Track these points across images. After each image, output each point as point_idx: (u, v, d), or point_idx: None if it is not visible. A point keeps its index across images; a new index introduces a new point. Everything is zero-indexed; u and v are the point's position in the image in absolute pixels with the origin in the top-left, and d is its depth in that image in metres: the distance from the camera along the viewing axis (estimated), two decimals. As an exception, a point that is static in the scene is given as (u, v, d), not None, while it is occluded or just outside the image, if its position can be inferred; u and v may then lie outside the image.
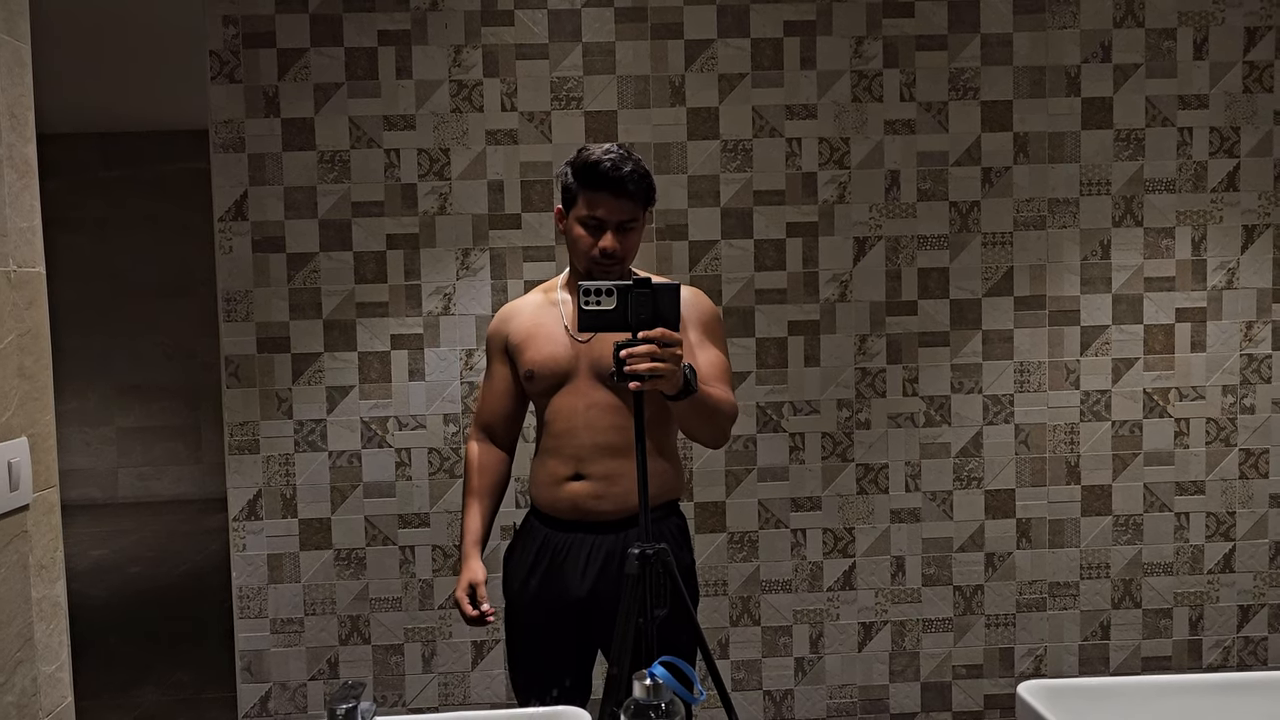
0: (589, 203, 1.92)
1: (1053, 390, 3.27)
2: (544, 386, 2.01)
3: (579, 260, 1.97)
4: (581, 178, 1.92)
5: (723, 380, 1.98)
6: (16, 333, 1.45)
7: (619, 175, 1.89)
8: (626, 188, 1.89)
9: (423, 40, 3.11)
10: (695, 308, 2.02)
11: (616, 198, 1.90)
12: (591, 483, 1.98)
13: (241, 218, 3.10)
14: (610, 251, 1.92)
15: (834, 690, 3.28)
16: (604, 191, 1.90)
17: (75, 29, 4.77)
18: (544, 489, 2.04)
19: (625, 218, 1.92)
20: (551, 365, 1.99)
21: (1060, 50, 3.20)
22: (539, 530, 2.05)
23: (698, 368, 1.94)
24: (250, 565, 3.16)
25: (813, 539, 3.25)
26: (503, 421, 2.16)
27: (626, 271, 1.99)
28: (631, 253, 1.97)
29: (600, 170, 1.89)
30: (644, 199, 1.94)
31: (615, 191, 1.90)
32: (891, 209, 3.21)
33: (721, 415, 1.90)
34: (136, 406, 7.51)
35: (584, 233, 1.94)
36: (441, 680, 3.21)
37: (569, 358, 1.99)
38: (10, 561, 1.42)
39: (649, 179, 1.94)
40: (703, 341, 2.00)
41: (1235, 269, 3.28)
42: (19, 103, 1.49)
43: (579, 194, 1.93)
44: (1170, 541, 3.32)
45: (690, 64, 3.15)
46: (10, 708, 1.40)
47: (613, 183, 1.89)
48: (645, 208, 1.96)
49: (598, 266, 1.94)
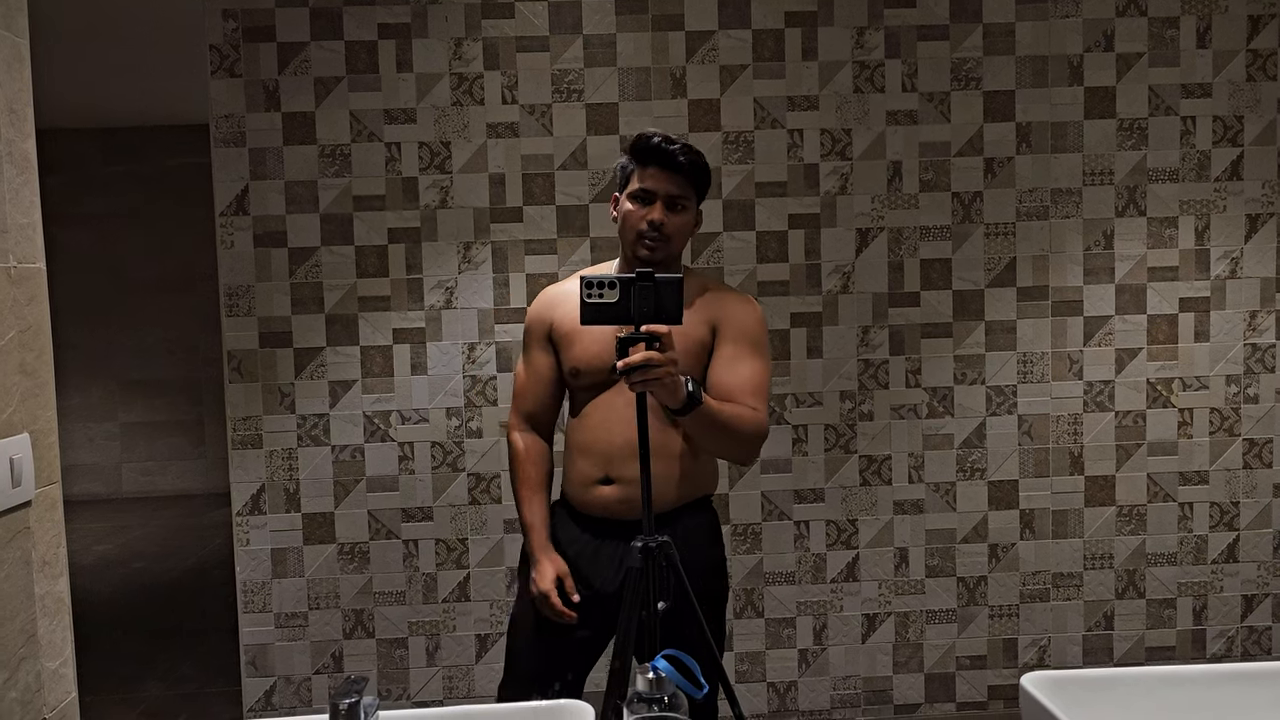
0: (640, 176, 1.95)
1: (1056, 381, 3.26)
2: (588, 383, 2.01)
3: (627, 237, 1.97)
4: (636, 154, 1.96)
5: (755, 396, 1.94)
6: (17, 329, 1.45)
7: (671, 149, 1.92)
8: (678, 160, 1.92)
9: (423, 33, 3.10)
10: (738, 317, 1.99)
11: (667, 171, 1.92)
12: (621, 487, 1.97)
13: (243, 212, 3.10)
14: (657, 223, 1.92)
15: (838, 681, 3.28)
16: (655, 165, 1.93)
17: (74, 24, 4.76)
18: (575, 488, 2.05)
19: (675, 192, 1.93)
20: (598, 364, 1.98)
21: (1063, 40, 3.19)
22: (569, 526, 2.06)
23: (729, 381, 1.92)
24: (254, 560, 3.16)
25: (816, 531, 3.25)
26: (545, 411, 2.13)
27: (672, 262, 1.97)
28: (679, 235, 1.96)
29: (653, 144, 1.93)
30: (695, 180, 1.95)
31: (666, 165, 1.92)
32: (894, 200, 3.20)
33: (739, 434, 1.89)
34: (139, 402, 7.52)
35: (634, 206, 1.95)
36: (446, 673, 3.21)
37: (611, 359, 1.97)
38: (13, 558, 1.42)
39: (704, 161, 1.96)
40: (739, 354, 1.96)
41: (1239, 258, 3.27)
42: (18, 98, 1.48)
43: (633, 173, 1.96)
44: (1174, 532, 3.31)
45: (691, 55, 3.14)
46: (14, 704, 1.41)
47: (665, 155, 1.92)
48: (697, 192, 1.97)
49: (644, 244, 1.93)
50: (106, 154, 7.32)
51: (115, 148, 7.31)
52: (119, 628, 4.55)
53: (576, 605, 2.00)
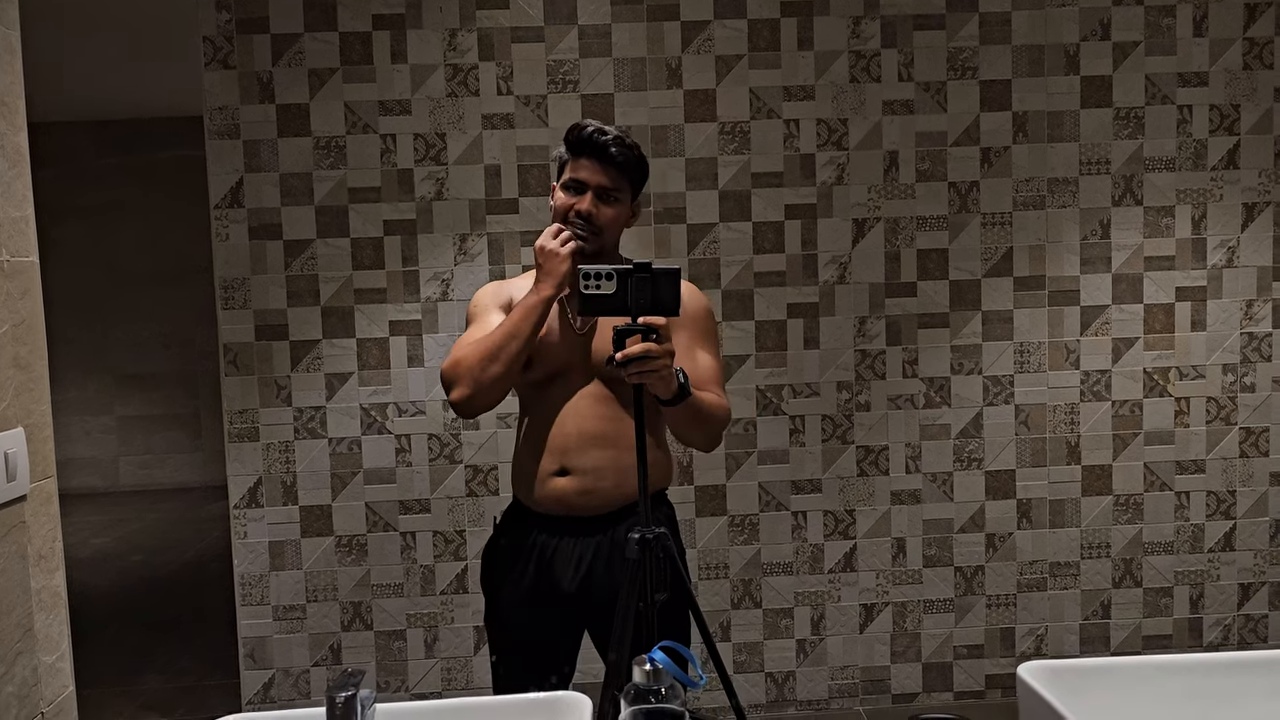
0: (574, 167, 1.92)
1: (1053, 370, 3.26)
2: (540, 375, 1.96)
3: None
4: (570, 145, 1.94)
5: (715, 384, 1.96)
6: (11, 323, 1.45)
7: (603, 140, 1.90)
8: (609, 152, 1.89)
9: (417, 24, 3.08)
10: (688, 306, 1.95)
11: (598, 162, 1.90)
12: (578, 478, 1.94)
13: (238, 205, 3.09)
14: (584, 213, 1.89)
15: (835, 671, 3.29)
16: (588, 156, 1.91)
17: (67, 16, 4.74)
18: (529, 485, 1.99)
19: (607, 184, 1.91)
20: (551, 353, 1.95)
21: (1059, 29, 3.18)
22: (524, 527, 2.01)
23: (690, 371, 1.91)
24: (252, 552, 3.16)
25: (813, 521, 3.26)
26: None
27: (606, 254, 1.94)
28: (611, 226, 1.93)
29: (586, 135, 1.91)
30: (629, 172, 1.92)
31: (599, 156, 1.90)
32: (890, 190, 3.20)
33: (715, 421, 1.91)
34: (136, 395, 7.51)
35: (565, 196, 1.93)
36: (444, 665, 3.22)
37: (568, 348, 1.96)
38: (8, 552, 1.42)
39: (638, 153, 1.93)
40: (695, 344, 1.96)
41: (1235, 247, 3.27)
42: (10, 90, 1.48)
43: (566, 163, 1.94)
44: (1171, 520, 3.32)
45: (687, 46, 3.13)
46: (11, 698, 1.40)
47: (597, 147, 1.90)
48: (631, 184, 1.94)
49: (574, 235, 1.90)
50: (100, 147, 7.29)
51: (109, 140, 7.28)
52: (117, 621, 4.55)
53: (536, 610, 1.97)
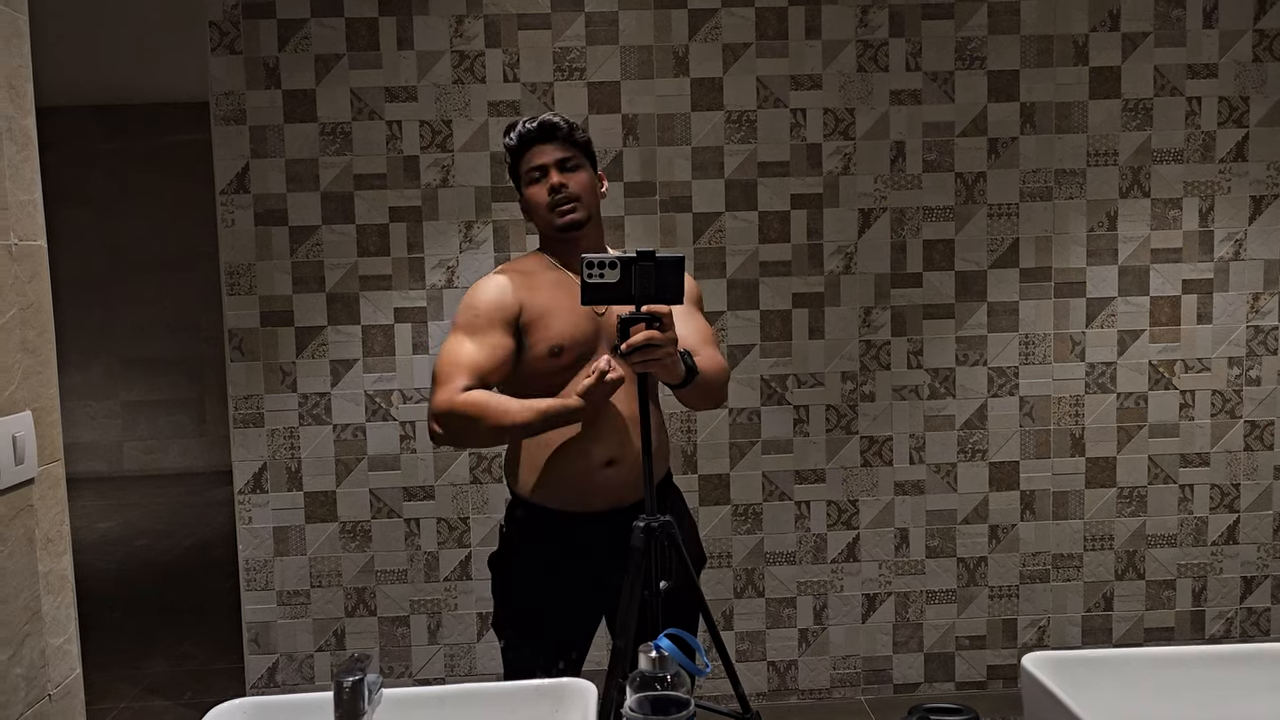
0: (525, 163, 1.98)
1: (1058, 362, 3.26)
2: (570, 360, 1.92)
3: (543, 216, 1.98)
4: (512, 151, 2.00)
5: (712, 344, 2.03)
6: (19, 306, 1.45)
7: (532, 126, 1.97)
8: (550, 127, 1.96)
9: (424, 10, 3.08)
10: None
11: (544, 142, 1.97)
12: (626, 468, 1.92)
13: (243, 190, 3.09)
14: (557, 186, 1.94)
15: (837, 661, 3.30)
16: (530, 145, 1.98)
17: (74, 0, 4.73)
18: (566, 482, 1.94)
19: (561, 156, 1.96)
20: (579, 338, 1.93)
21: (1068, 19, 3.17)
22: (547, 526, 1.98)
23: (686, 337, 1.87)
24: (256, 538, 3.17)
25: (817, 511, 3.26)
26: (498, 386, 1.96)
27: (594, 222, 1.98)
28: (587, 192, 1.97)
29: (517, 132, 1.99)
30: (573, 141, 1.98)
31: (538, 139, 1.97)
32: (897, 180, 3.19)
33: (720, 384, 2.00)
34: (141, 380, 7.52)
35: (534, 188, 1.98)
36: (448, 651, 3.23)
37: (592, 331, 1.96)
38: (17, 535, 1.43)
39: (571, 123, 1.99)
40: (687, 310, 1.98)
41: (1243, 240, 3.26)
42: (17, 74, 1.47)
43: (518, 163, 2.00)
44: (1174, 513, 3.32)
45: (694, 34, 3.12)
46: (19, 680, 1.41)
47: (531, 133, 1.97)
48: (582, 152, 1.99)
49: (559, 213, 1.95)
50: (107, 131, 7.28)
51: (115, 125, 7.28)
52: (122, 605, 4.57)
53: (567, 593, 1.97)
